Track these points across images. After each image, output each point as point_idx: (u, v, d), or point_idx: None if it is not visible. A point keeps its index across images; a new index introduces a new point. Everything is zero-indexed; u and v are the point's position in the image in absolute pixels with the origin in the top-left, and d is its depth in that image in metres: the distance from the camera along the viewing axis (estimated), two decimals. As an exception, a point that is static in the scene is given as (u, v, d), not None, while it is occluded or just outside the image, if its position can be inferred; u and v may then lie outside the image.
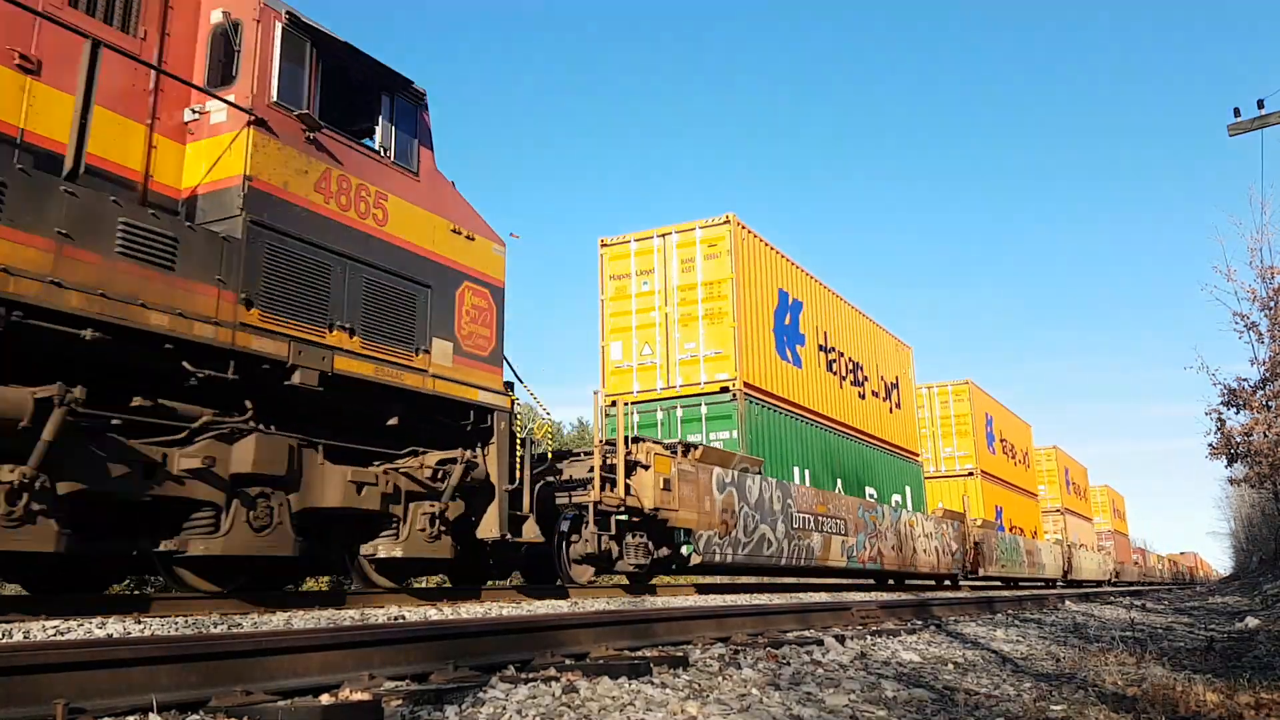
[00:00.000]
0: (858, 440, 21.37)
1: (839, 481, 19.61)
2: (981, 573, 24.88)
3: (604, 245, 17.74)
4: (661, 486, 12.18)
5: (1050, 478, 44.02)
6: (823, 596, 14.44)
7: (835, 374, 20.65)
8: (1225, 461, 26.06)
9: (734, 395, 16.00)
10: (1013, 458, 35.26)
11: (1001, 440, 33.82)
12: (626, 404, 14.89)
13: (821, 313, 20.59)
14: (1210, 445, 25.16)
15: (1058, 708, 3.98)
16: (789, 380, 18.32)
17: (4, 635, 4.85)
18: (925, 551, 21.58)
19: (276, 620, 6.19)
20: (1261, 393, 23.61)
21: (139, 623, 5.55)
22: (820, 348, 20.14)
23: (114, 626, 5.31)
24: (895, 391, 24.50)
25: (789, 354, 18.46)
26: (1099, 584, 41.22)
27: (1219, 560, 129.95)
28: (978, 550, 24.74)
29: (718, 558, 13.35)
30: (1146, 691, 4.37)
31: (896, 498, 22.88)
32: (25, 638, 4.75)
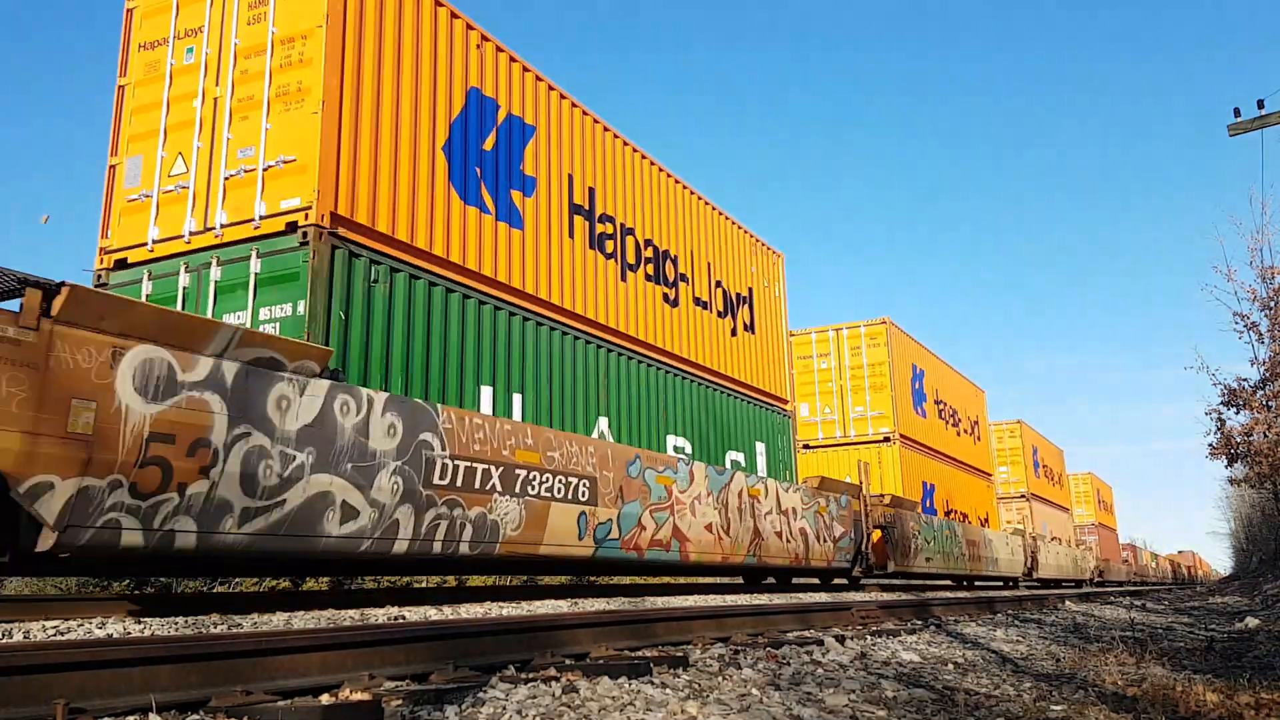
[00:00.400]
0: (659, 367, 13.42)
1: (605, 423, 11.92)
2: (892, 568, 18.84)
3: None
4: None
5: (1013, 457, 37.32)
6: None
7: (612, 257, 12.70)
8: (1225, 461, 26.07)
9: (306, 238, 8.25)
10: (954, 425, 28.13)
11: (937, 402, 26.88)
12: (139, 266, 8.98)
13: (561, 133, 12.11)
14: (1210, 445, 25.18)
15: (1058, 708, 3.98)
16: (473, 236, 10.15)
17: (4, 635, 4.85)
18: (786, 537, 14.87)
19: (276, 620, 6.20)
20: (1261, 393, 23.62)
21: (139, 623, 5.55)
22: (577, 208, 12.09)
23: (114, 626, 5.32)
24: (746, 309, 16.52)
25: (483, 191, 10.46)
26: (1078, 584, 36.82)
27: (1219, 560, 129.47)
28: (885, 537, 18.90)
29: (133, 539, 5.90)
30: (1146, 691, 4.37)
31: (736, 457, 15.19)
32: (25, 638, 4.75)
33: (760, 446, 16.15)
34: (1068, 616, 11.50)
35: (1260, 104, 18.06)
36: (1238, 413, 24.54)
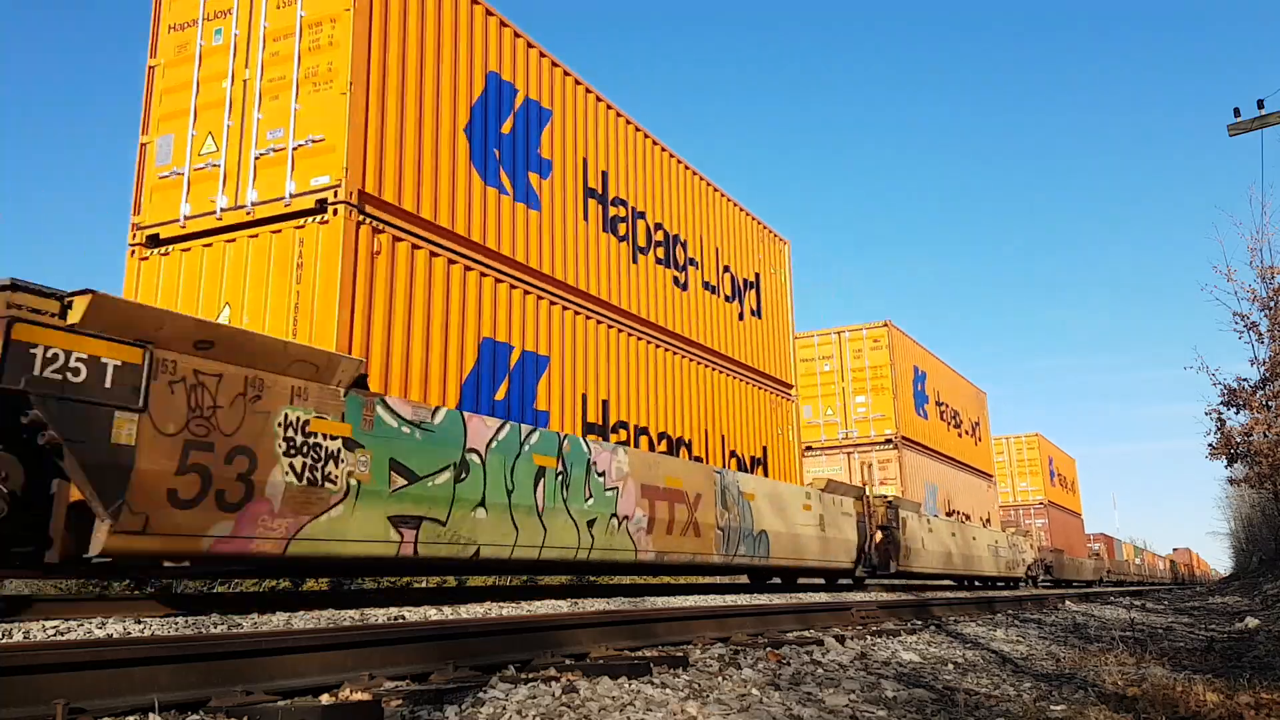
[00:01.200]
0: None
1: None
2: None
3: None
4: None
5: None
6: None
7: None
8: (1225, 461, 26.08)
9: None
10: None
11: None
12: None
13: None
14: (1210, 445, 25.18)
15: (1058, 708, 3.98)
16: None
17: (4, 635, 4.85)
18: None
19: (276, 620, 6.19)
20: (1261, 393, 23.62)
21: (139, 623, 5.55)
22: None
23: (114, 626, 5.31)
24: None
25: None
26: (990, 582, 27.71)
27: (1219, 560, 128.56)
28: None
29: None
30: (1147, 691, 4.37)
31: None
32: (25, 638, 4.75)
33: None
34: (1067, 616, 11.51)
35: (1260, 104, 18.09)
36: (1238, 413, 24.56)
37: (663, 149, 14.15)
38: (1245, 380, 24.29)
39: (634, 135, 13.43)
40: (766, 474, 15.51)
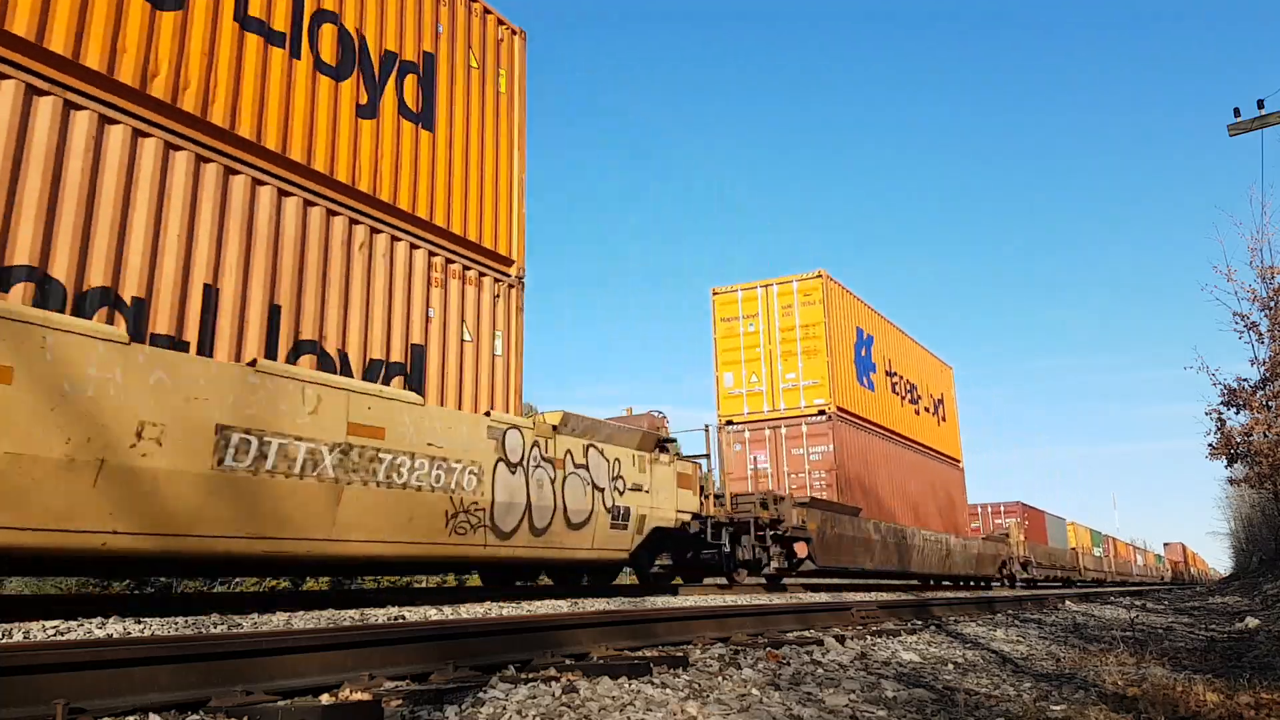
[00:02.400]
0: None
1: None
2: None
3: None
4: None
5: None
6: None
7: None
8: (1225, 461, 26.08)
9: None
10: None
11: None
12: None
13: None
14: (1210, 445, 25.18)
15: (1058, 708, 3.98)
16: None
17: (4, 635, 4.85)
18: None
19: (276, 620, 6.19)
20: (1261, 393, 23.62)
21: (139, 623, 5.55)
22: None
23: (114, 626, 5.31)
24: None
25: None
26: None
27: (1218, 560, 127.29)
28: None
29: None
30: (1147, 691, 4.36)
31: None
32: (25, 638, 4.75)
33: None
34: (1068, 616, 11.51)
35: (1260, 104, 18.09)
36: (1238, 413, 24.56)
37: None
38: (1245, 380, 24.32)
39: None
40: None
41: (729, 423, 19.53)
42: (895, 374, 23.84)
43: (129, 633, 5.09)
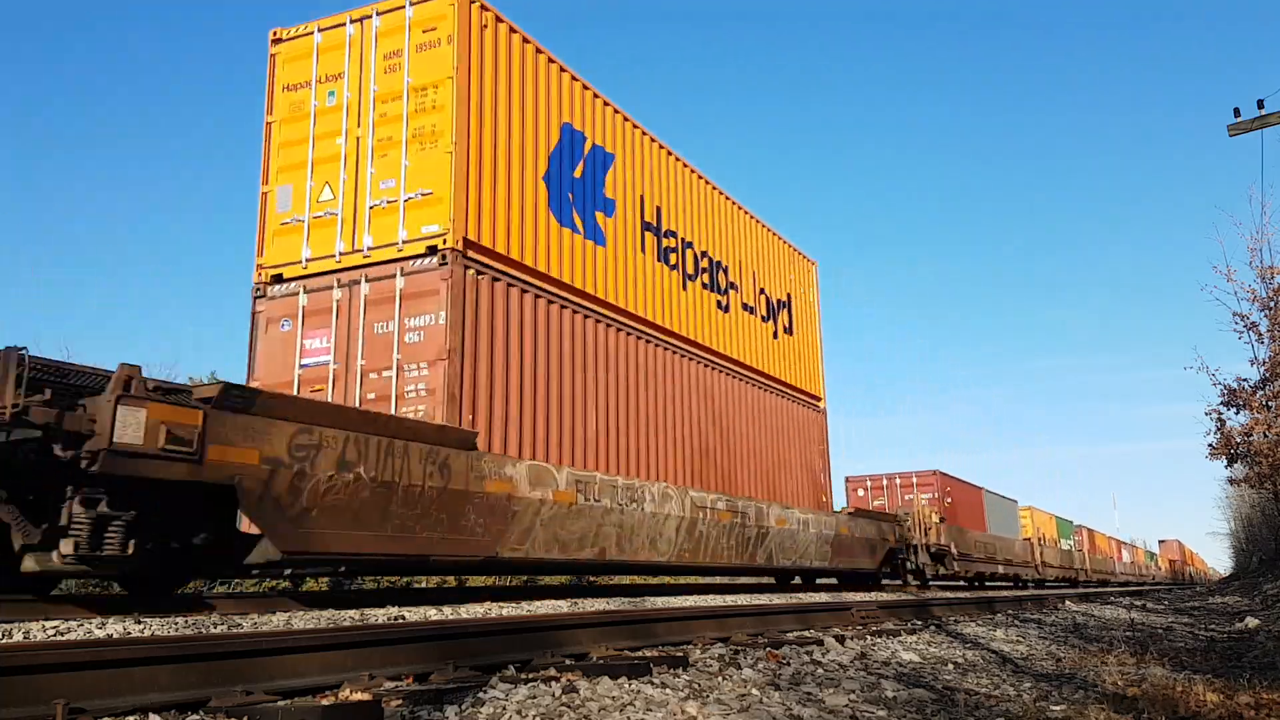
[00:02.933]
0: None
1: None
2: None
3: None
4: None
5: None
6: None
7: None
8: (1225, 461, 26.07)
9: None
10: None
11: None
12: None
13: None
14: (1210, 445, 25.17)
15: (1058, 708, 3.98)
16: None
17: (4, 635, 4.85)
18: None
19: (276, 620, 6.20)
20: (1261, 393, 23.61)
21: (139, 623, 5.55)
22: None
23: (114, 626, 5.31)
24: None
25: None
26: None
27: (1218, 559, 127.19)
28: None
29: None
30: (1147, 691, 4.37)
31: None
32: (25, 638, 4.75)
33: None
34: (1068, 617, 11.51)
35: (1260, 104, 18.08)
36: (1238, 413, 24.54)
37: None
38: (1245, 380, 24.29)
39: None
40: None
41: (276, 279, 10.32)
42: (672, 234, 14.19)
43: (129, 633, 5.09)
